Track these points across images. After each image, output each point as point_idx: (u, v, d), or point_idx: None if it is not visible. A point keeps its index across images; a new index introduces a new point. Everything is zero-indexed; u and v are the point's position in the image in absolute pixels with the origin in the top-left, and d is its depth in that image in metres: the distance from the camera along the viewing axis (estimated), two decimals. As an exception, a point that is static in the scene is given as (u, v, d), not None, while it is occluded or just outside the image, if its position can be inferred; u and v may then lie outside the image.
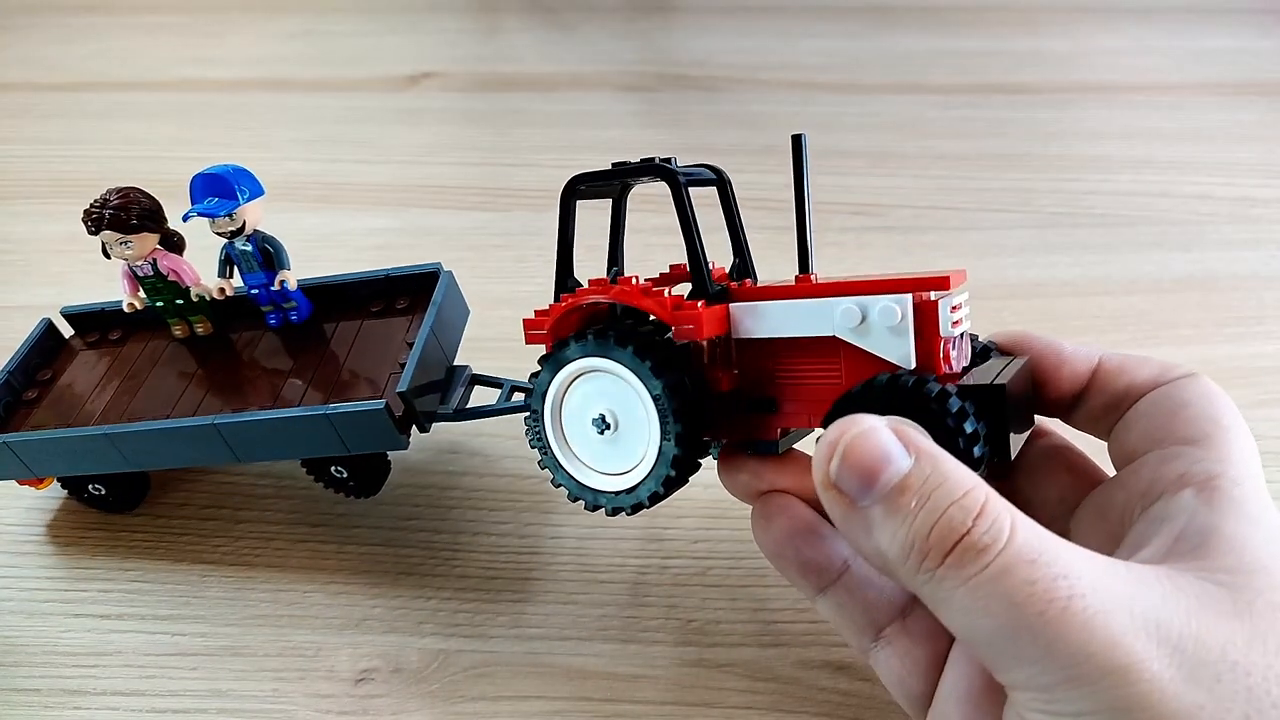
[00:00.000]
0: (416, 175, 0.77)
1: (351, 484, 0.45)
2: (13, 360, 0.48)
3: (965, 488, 0.25)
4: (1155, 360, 0.32)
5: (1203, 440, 0.29)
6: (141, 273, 0.46)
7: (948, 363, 0.30)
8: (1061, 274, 0.64)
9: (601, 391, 0.34)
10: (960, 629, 0.25)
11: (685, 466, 0.33)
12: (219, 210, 0.43)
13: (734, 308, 0.33)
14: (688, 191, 0.33)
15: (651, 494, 0.33)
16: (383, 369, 0.43)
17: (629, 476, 0.34)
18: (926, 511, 0.24)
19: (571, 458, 0.35)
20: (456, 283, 0.47)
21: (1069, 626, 0.22)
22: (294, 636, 0.41)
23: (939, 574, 0.24)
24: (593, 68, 0.96)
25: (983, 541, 0.24)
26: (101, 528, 0.47)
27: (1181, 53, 0.98)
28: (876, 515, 0.25)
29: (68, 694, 0.39)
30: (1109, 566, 0.24)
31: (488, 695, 0.38)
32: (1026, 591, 0.23)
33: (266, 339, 0.48)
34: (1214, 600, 0.24)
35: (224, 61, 0.97)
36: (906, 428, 0.26)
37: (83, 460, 0.44)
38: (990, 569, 0.23)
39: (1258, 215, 0.71)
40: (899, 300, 0.29)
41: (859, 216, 0.71)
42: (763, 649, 0.40)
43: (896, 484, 0.25)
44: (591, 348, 0.33)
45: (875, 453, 0.25)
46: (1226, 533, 0.26)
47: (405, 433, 0.40)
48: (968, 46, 1.00)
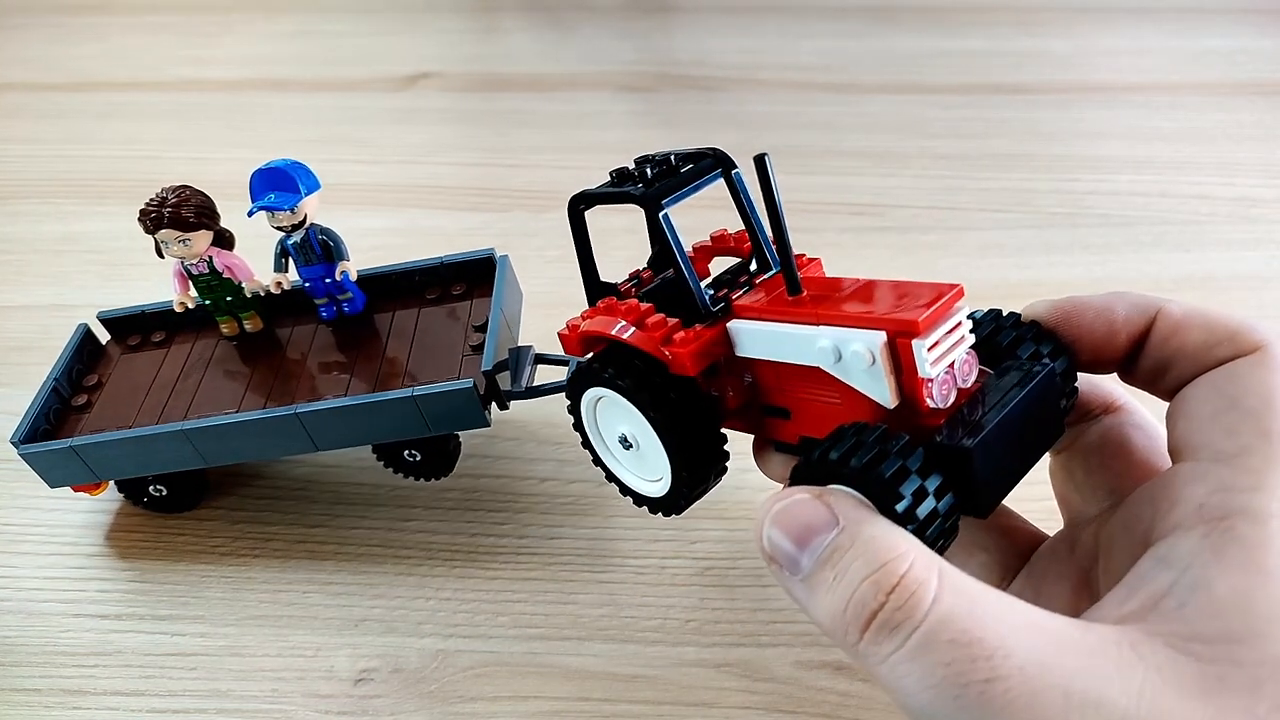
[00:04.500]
0: (415, 175, 0.77)
1: (424, 467, 0.46)
2: (57, 366, 0.47)
3: (883, 560, 0.23)
4: (1220, 320, 0.28)
5: (1239, 457, 0.25)
6: (196, 270, 0.46)
7: (931, 398, 0.28)
8: (1061, 274, 0.64)
9: (619, 414, 0.34)
10: (897, 705, 0.24)
11: (698, 483, 0.33)
12: (283, 204, 0.44)
13: (730, 327, 0.32)
14: (667, 218, 0.32)
15: (679, 505, 0.34)
16: (452, 352, 0.45)
17: (660, 484, 0.35)
18: (844, 585, 0.23)
19: (615, 462, 0.36)
20: (512, 267, 0.49)
21: (988, 711, 0.21)
22: (293, 637, 0.41)
23: (861, 649, 0.23)
24: (592, 68, 0.96)
25: (895, 619, 0.22)
26: (101, 528, 0.47)
27: (1181, 53, 0.98)
28: (810, 586, 0.25)
29: (68, 694, 0.39)
30: (1057, 635, 0.22)
31: (487, 695, 0.38)
32: (941, 673, 0.21)
33: (321, 332, 0.49)
34: (1176, 674, 0.21)
35: (223, 61, 0.97)
36: (840, 496, 0.25)
37: (152, 460, 0.44)
38: (906, 646, 0.22)
39: (1258, 215, 0.71)
40: (870, 342, 0.27)
41: (859, 216, 0.71)
42: (762, 649, 0.40)
43: (820, 556, 0.24)
44: (597, 379, 0.33)
45: (800, 524, 0.25)
46: (1218, 591, 0.23)
47: (486, 410, 0.41)
48: (968, 46, 1.00)
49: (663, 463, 0.33)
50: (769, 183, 0.30)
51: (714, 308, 0.32)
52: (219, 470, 0.49)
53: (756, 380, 0.33)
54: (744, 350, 0.32)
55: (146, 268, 0.48)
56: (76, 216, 0.71)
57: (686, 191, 0.33)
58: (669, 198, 0.32)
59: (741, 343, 0.32)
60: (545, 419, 0.50)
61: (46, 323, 0.60)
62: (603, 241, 0.37)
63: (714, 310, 0.32)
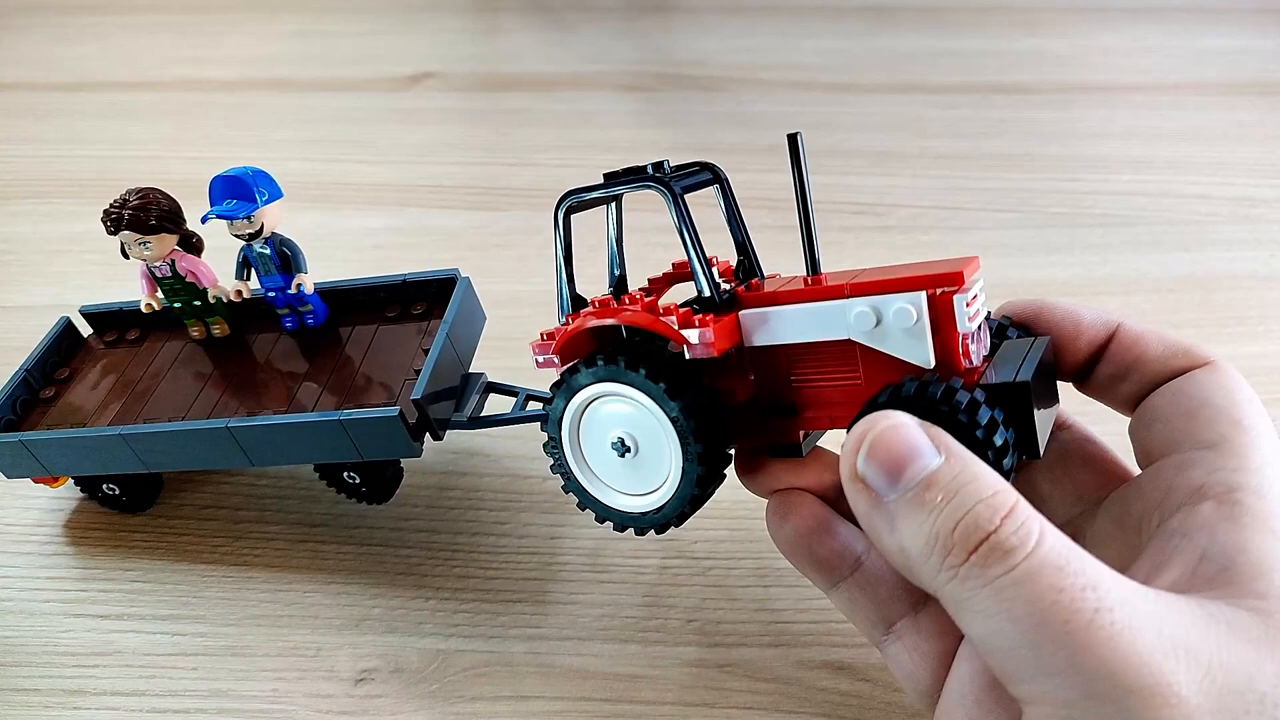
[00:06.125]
0: (416, 175, 0.77)
1: (364, 490, 0.45)
2: (30, 358, 0.48)
3: (994, 488, 0.24)
4: (1173, 338, 0.31)
5: (1221, 444, 0.27)
6: (160, 273, 0.46)
7: (967, 357, 0.29)
8: (1061, 274, 0.64)
9: (618, 415, 0.33)
10: (979, 635, 0.24)
11: (709, 483, 0.33)
12: (238, 213, 0.43)
13: (744, 316, 0.32)
14: (684, 200, 0.32)
15: (679, 514, 0.33)
16: (398, 374, 0.43)
17: (654, 497, 0.33)
18: (953, 507, 0.24)
19: (595, 480, 0.35)
20: (474, 289, 0.47)
21: (1095, 640, 0.22)
22: (294, 636, 0.41)
23: (962, 572, 0.23)
24: (593, 67, 0.96)
25: (1010, 542, 0.23)
26: (101, 528, 0.47)
27: (1181, 53, 0.98)
28: (901, 509, 0.25)
29: (68, 694, 0.39)
30: (1136, 587, 0.23)
31: (487, 695, 0.38)
32: (1052, 599, 0.22)
33: (283, 342, 0.48)
34: (1244, 628, 0.23)
35: (224, 61, 0.97)
36: (936, 429, 0.26)
37: (96, 460, 0.44)
38: (1016, 572, 0.22)
39: (1258, 215, 0.71)
40: (914, 300, 0.28)
41: (859, 216, 0.71)
42: (763, 649, 0.40)
43: (923, 478, 0.24)
44: (603, 372, 0.32)
45: (904, 447, 0.25)
46: (1254, 554, 0.24)
47: (419, 440, 0.40)
48: (968, 46, 1.00)
49: (665, 466, 0.33)
50: (800, 161, 0.31)
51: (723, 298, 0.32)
52: (222, 470, 0.49)
53: (761, 377, 0.33)
54: (759, 338, 0.32)
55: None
56: (76, 216, 0.71)
57: (692, 186, 0.33)
58: (683, 185, 0.32)
59: (757, 329, 0.32)
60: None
61: (47, 323, 0.60)
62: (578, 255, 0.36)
63: (723, 299, 0.32)
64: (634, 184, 0.33)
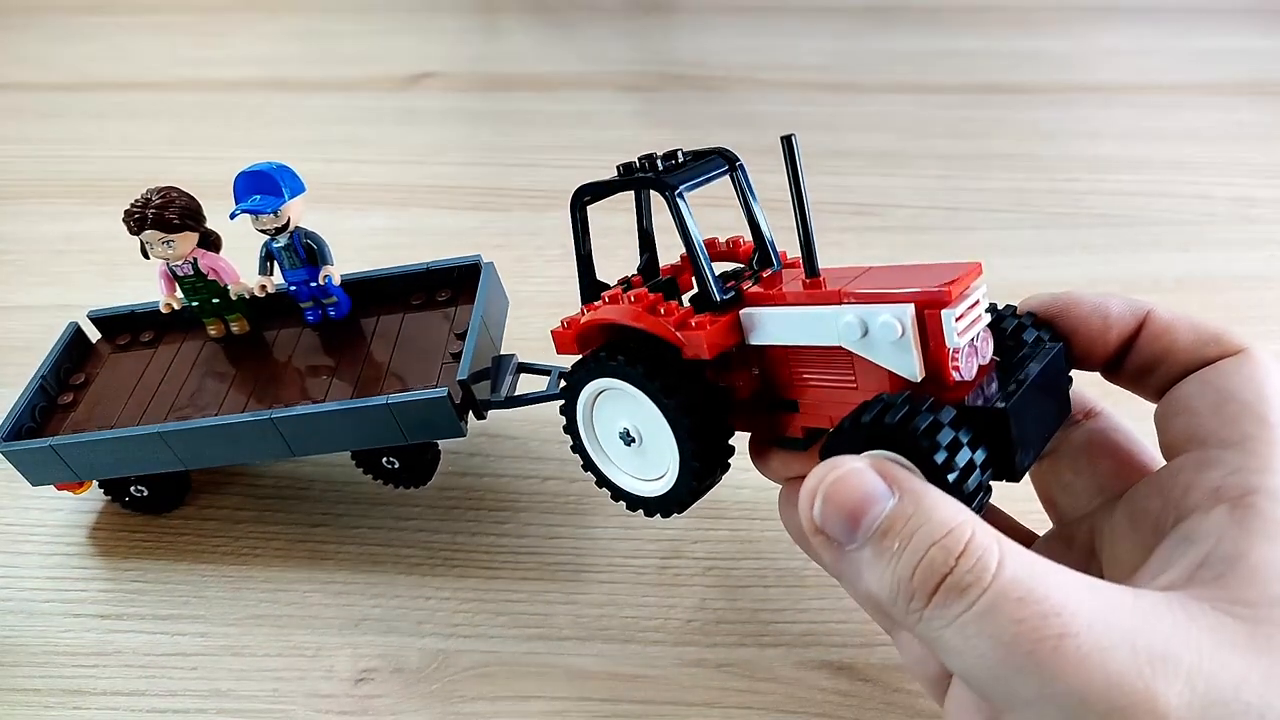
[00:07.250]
0: (416, 175, 0.77)
1: (402, 475, 0.46)
2: (45, 364, 0.47)
3: (948, 526, 0.24)
4: (1204, 324, 0.30)
5: (1244, 443, 0.27)
6: (181, 272, 0.46)
7: (958, 371, 0.28)
8: (1061, 274, 0.64)
9: (622, 407, 0.34)
10: (957, 669, 0.24)
11: (707, 475, 0.33)
12: (266, 207, 0.44)
13: (743, 315, 0.32)
14: (683, 200, 0.32)
15: (682, 501, 0.34)
16: (433, 359, 0.44)
17: (660, 483, 0.34)
18: (910, 552, 0.24)
19: (609, 464, 0.36)
20: (497, 273, 0.48)
21: (1063, 667, 0.21)
22: (293, 636, 0.41)
23: (926, 615, 0.23)
24: (593, 68, 0.96)
25: (965, 580, 0.23)
26: (102, 528, 0.47)
27: (1181, 53, 0.98)
28: (864, 558, 0.25)
29: (68, 694, 0.39)
30: (1113, 598, 0.23)
31: (487, 695, 0.38)
32: (1014, 631, 0.22)
33: (306, 336, 0.48)
34: (1229, 634, 0.22)
35: (224, 61, 0.97)
36: (890, 465, 0.25)
37: (133, 460, 0.43)
38: (976, 607, 0.23)
39: (1258, 215, 0.71)
40: (899, 314, 0.28)
41: (859, 216, 0.71)
42: (763, 649, 0.40)
43: (879, 525, 0.24)
44: (605, 368, 0.33)
45: (856, 495, 0.25)
46: (1254, 559, 0.24)
47: (463, 420, 0.41)
48: (968, 46, 1.00)
49: (666, 457, 0.33)
50: (795, 163, 0.31)
51: (725, 296, 0.32)
52: (220, 470, 0.49)
53: (764, 372, 0.33)
54: (758, 337, 0.32)
55: (146, 268, 0.48)
56: (76, 216, 0.71)
57: (700, 181, 0.33)
58: (685, 184, 0.32)
59: (756, 329, 0.32)
60: (547, 419, 0.50)
61: (46, 323, 0.59)
62: (603, 242, 0.37)
63: (725, 298, 0.32)
64: (634, 184, 0.33)
